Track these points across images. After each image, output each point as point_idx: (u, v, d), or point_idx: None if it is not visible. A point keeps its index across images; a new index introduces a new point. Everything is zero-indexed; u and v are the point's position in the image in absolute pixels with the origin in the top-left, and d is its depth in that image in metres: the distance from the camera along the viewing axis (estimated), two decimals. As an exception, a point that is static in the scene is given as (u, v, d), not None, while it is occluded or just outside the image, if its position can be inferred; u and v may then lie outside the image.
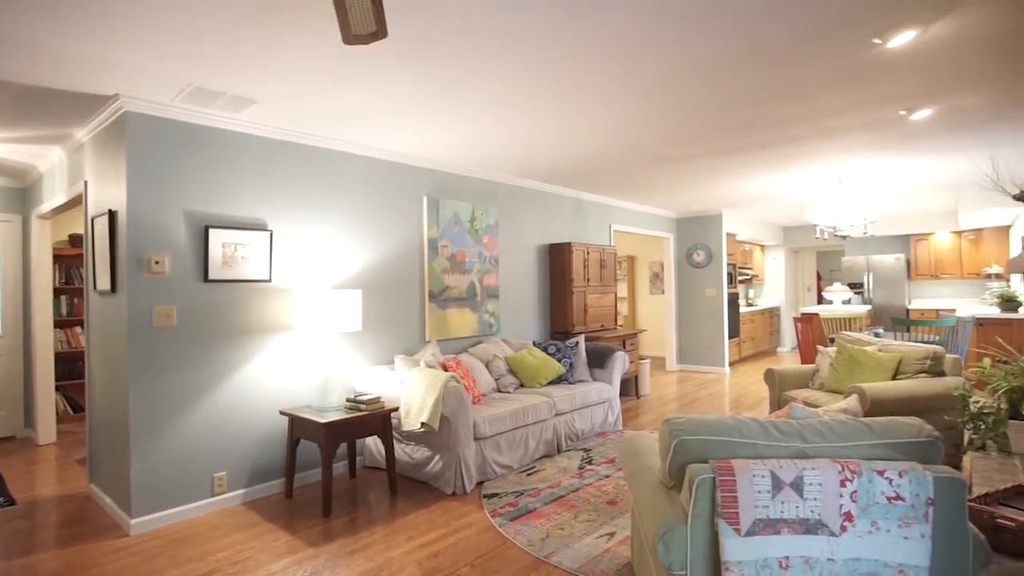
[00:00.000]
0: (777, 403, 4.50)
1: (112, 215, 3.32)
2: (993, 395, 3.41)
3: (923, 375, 4.03)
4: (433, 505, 3.54)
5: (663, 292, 9.53)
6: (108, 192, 3.42)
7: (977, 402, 3.45)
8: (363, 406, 3.60)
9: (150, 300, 3.26)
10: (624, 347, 6.39)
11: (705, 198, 7.41)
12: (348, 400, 3.68)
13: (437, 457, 3.78)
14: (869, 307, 8.87)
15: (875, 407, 3.68)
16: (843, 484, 1.61)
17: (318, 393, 3.68)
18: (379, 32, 1.69)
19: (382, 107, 3.47)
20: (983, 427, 3.37)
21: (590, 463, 4.22)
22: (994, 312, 7.05)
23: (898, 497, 1.60)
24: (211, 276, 3.48)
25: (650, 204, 7.89)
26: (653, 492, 2.02)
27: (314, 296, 3.60)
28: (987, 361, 3.61)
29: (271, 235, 3.75)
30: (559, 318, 6.12)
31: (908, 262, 9.36)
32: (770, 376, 4.57)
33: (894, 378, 4.09)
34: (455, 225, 5.06)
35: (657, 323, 10.12)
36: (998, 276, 8.42)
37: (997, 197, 6.66)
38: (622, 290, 10.60)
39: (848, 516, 1.61)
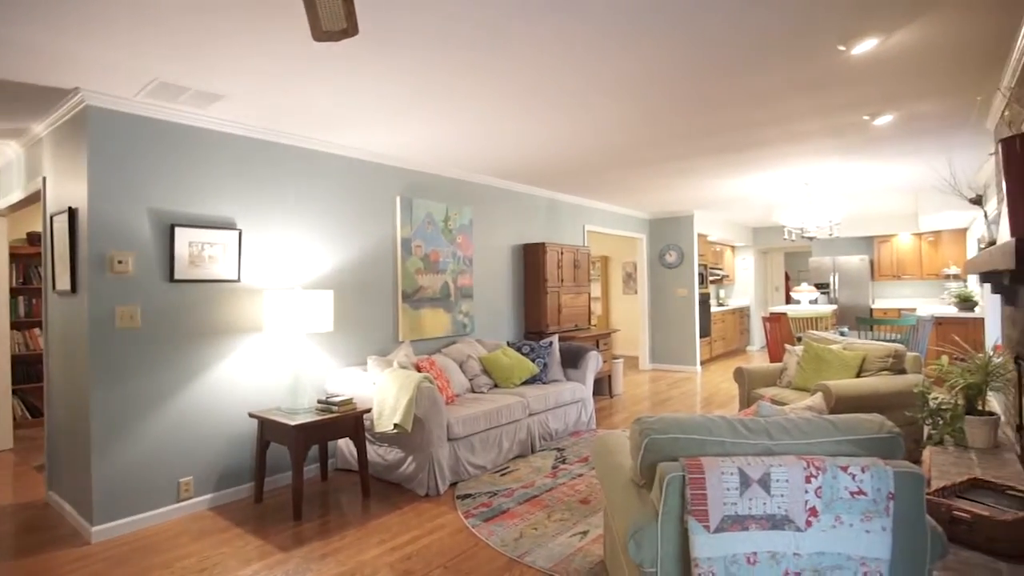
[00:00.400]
0: (747, 401, 4.59)
1: (72, 213, 3.21)
2: (951, 392, 3.54)
3: (885, 372, 4.15)
4: (406, 507, 3.51)
5: (636, 292, 9.64)
6: (68, 189, 3.31)
7: (936, 398, 3.58)
8: (335, 408, 3.56)
9: (112, 300, 3.16)
10: (597, 347, 6.44)
11: (677, 199, 7.51)
12: (319, 402, 3.63)
13: (410, 458, 3.75)
14: (835, 307, 9.10)
15: (840, 404, 3.78)
16: (808, 480, 1.65)
17: (288, 395, 3.62)
18: (350, 29, 1.67)
19: (354, 105, 3.44)
20: (941, 423, 3.49)
21: (564, 462, 4.24)
22: (952, 311, 7.32)
23: (860, 492, 1.64)
24: (177, 276, 3.39)
25: (623, 205, 7.97)
26: (624, 490, 2.04)
27: (284, 296, 3.54)
28: (945, 359, 3.74)
29: (240, 234, 3.68)
30: (533, 318, 6.13)
31: (872, 263, 9.64)
32: (740, 375, 4.66)
33: (858, 376, 4.21)
34: (429, 225, 5.03)
35: (630, 323, 10.23)
36: (956, 277, 8.73)
37: (955, 200, 6.89)
38: (596, 290, 10.69)
39: (813, 511, 1.64)
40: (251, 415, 3.57)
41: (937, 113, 3.86)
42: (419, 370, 4.17)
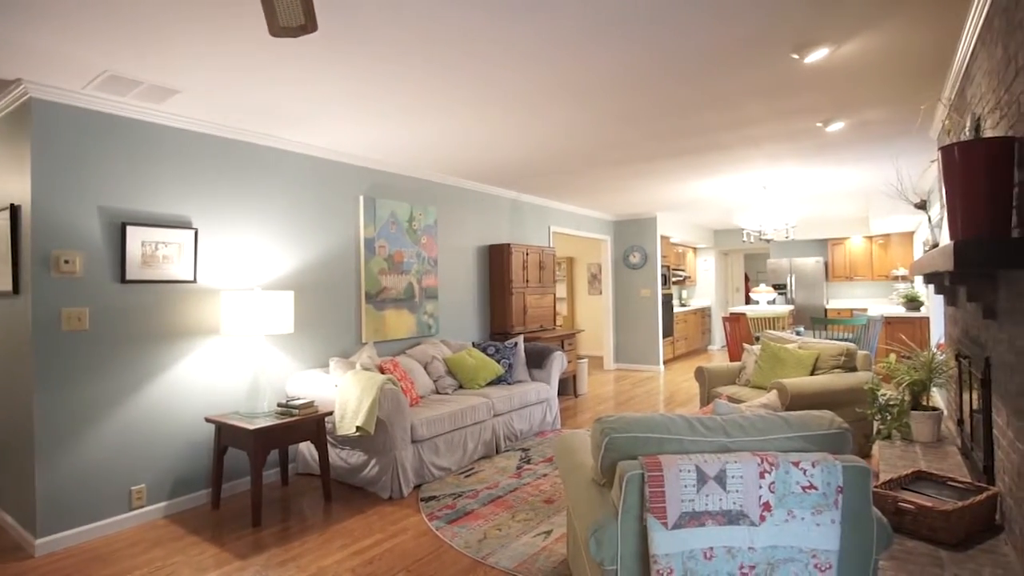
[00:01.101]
0: (707, 399, 4.69)
1: (14, 210, 3.07)
2: (898, 388, 3.69)
3: (838, 370, 4.31)
4: (369, 510, 3.47)
5: (601, 293, 9.75)
6: (9, 185, 3.16)
7: (884, 395, 3.72)
8: (295, 411, 3.49)
9: (58, 302, 3.03)
10: (563, 347, 6.49)
11: (640, 201, 7.63)
12: (279, 405, 3.55)
13: (373, 461, 3.71)
14: (792, 307, 9.39)
15: (795, 401, 3.90)
16: (762, 476, 1.70)
17: (247, 398, 3.53)
18: (308, 26, 1.64)
19: (315, 103, 3.38)
20: (889, 418, 3.63)
21: (528, 463, 4.26)
22: (900, 311, 7.63)
23: (811, 486, 1.70)
24: (129, 276, 3.27)
25: (588, 207, 8.05)
26: (586, 489, 2.06)
27: (243, 298, 3.45)
28: (893, 357, 3.90)
29: (196, 233, 3.57)
30: (498, 319, 6.14)
31: (826, 265, 9.98)
32: (700, 374, 4.76)
33: (812, 373, 4.35)
34: (393, 225, 4.99)
35: (595, 323, 10.33)
36: (904, 278, 9.11)
37: (902, 205, 7.20)
38: (561, 291, 10.76)
39: (767, 506, 1.69)
40: (208, 420, 3.48)
41: (884, 121, 4.02)
42: (382, 372, 4.12)
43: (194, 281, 3.58)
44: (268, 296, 3.51)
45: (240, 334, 3.53)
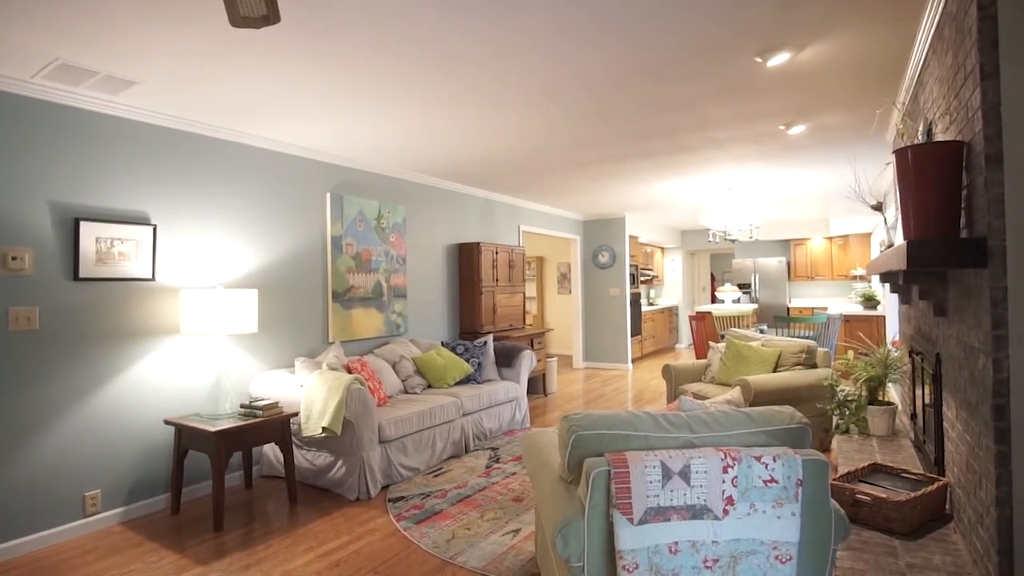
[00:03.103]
0: (674, 396, 4.76)
1: (-43, 204, 2.92)
2: (855, 384, 3.81)
3: (799, 367, 4.42)
4: (335, 512, 3.42)
5: (570, 292, 9.81)
6: (-48, 178, 3.00)
7: (843, 391, 3.84)
8: (259, 412, 3.41)
9: (5, 301, 2.89)
10: (532, 346, 6.51)
11: (609, 202, 7.70)
12: (242, 406, 3.47)
13: (340, 462, 3.65)
14: (755, 306, 9.61)
15: (759, 397, 3.99)
16: (725, 471, 1.73)
17: (209, 400, 3.44)
18: (271, 17, 1.60)
19: (280, 98, 3.31)
20: (847, 413, 3.75)
21: (497, 462, 4.25)
22: (858, 310, 7.89)
23: (772, 480, 1.74)
24: (82, 274, 3.15)
25: (558, 206, 8.09)
26: (553, 487, 2.07)
27: (204, 296, 3.36)
28: (851, 354, 4.03)
29: (155, 230, 3.46)
30: (468, 318, 6.12)
31: (789, 265, 10.24)
32: (667, 371, 4.83)
33: (775, 370, 4.46)
34: (360, 223, 4.92)
35: (565, 322, 10.39)
36: (862, 278, 9.42)
37: (860, 207, 7.45)
38: (531, 290, 10.79)
39: (730, 500, 1.72)
40: (167, 422, 3.37)
41: (842, 125, 4.15)
42: (350, 371, 4.07)
43: (152, 279, 3.47)
44: (230, 295, 3.43)
45: (201, 334, 3.44)
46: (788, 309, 9.99)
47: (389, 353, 4.82)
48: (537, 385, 6.78)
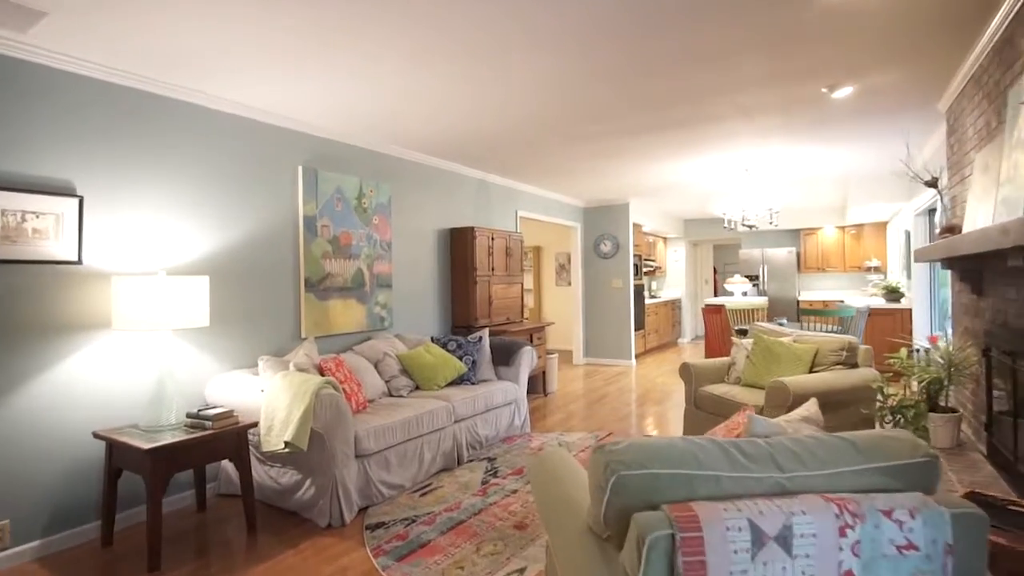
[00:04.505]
0: (693, 399, 4.21)
1: None
2: (907, 387, 3.28)
3: (839, 367, 3.88)
4: (303, 543, 2.84)
5: (570, 284, 9.25)
6: None
7: (894, 394, 3.31)
8: (208, 422, 2.82)
9: None
10: (531, 341, 5.94)
11: (614, 186, 7.13)
12: (189, 416, 2.88)
13: (308, 481, 3.08)
14: (765, 298, 9.09)
15: (797, 403, 3.44)
16: (843, 532, 1.17)
17: (149, 408, 2.85)
18: None
19: (238, 47, 2.70)
20: (903, 421, 3.22)
21: (495, 475, 3.69)
22: (878, 303, 7.38)
23: (910, 546, 1.18)
24: (-17, 255, 2.55)
25: (559, 191, 7.51)
26: (579, 541, 1.50)
27: (141, 284, 2.76)
28: (904, 351, 3.48)
29: (81, 202, 2.86)
30: (461, 310, 5.54)
31: (798, 255, 9.72)
32: (686, 371, 4.27)
33: (810, 370, 3.91)
34: (339, 202, 4.32)
35: (563, 316, 9.82)
36: (877, 269, 8.91)
37: (885, 191, 6.92)
38: (528, 282, 10.21)
39: None
40: (96, 435, 2.78)
41: (896, 87, 3.59)
42: (322, 372, 3.48)
43: (78, 262, 2.86)
44: (175, 282, 2.83)
45: (138, 328, 2.83)
46: (798, 302, 9.48)
47: (371, 350, 4.24)
48: (536, 384, 6.21)
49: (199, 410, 2.89)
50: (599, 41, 2.78)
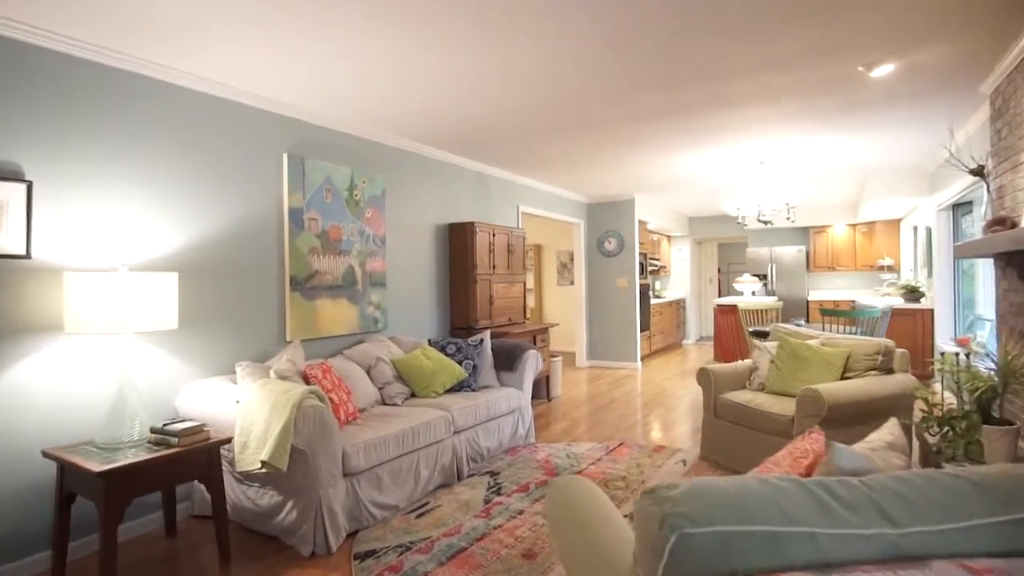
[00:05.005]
0: (713, 407, 3.88)
1: None
2: (961, 396, 2.96)
3: (873, 372, 3.55)
4: (283, 574, 2.50)
5: (571, 283, 8.91)
6: None
7: (939, 404, 2.99)
8: (174, 439, 2.48)
9: None
10: (535, 344, 5.60)
11: (619, 181, 6.80)
12: (152, 431, 2.54)
13: (290, 504, 2.73)
14: (775, 298, 8.77)
15: (831, 413, 3.11)
16: (1002, 623, 0.84)
17: (108, 423, 2.50)
18: None
19: (209, 14, 2.36)
20: (953, 434, 2.89)
21: (498, 492, 3.35)
22: (898, 303, 7.06)
23: (1094, 640, 0.85)
24: (-90, 247, 2.20)
25: (562, 186, 7.18)
26: (619, 608, 1.17)
27: (97, 281, 2.41)
28: (949, 355, 3.16)
29: (30, 188, 2.51)
30: (460, 311, 5.20)
31: (808, 254, 9.40)
32: (704, 376, 3.94)
33: (842, 376, 3.59)
34: (328, 193, 3.98)
35: (565, 316, 9.48)
36: (890, 268, 8.60)
37: (904, 185, 6.60)
38: (528, 281, 9.87)
39: None
40: (45, 454, 2.43)
41: (941, 66, 3.26)
42: (307, 380, 3.14)
43: (27, 256, 2.52)
44: (138, 279, 2.49)
45: (95, 331, 2.48)
46: (808, 302, 9.16)
47: (363, 355, 3.89)
48: (539, 388, 5.88)
49: (164, 424, 2.54)
50: (611, 8, 2.45)
